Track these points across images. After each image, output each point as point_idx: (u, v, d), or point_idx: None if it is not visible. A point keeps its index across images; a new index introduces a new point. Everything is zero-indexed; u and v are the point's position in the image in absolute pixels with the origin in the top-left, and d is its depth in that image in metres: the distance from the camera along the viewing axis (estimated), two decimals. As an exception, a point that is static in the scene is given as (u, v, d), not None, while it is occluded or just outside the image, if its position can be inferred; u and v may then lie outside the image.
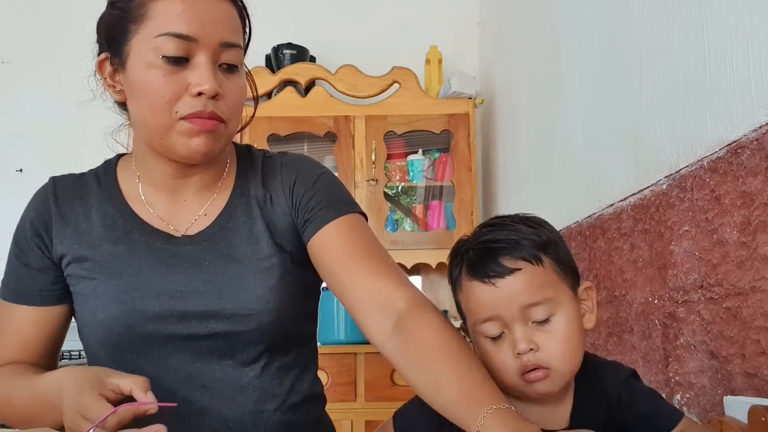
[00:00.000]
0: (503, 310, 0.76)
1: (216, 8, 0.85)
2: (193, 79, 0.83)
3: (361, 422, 2.26)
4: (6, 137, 3.01)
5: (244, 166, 0.98)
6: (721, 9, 1.05)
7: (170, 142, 0.85)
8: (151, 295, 0.88)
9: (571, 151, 1.77)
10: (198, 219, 0.94)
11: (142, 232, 0.92)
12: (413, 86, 2.64)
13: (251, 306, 0.89)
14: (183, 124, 0.83)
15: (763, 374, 0.94)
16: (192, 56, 0.83)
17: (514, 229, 0.80)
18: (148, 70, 0.83)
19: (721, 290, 1.04)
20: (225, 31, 0.85)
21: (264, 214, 0.94)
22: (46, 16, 3.14)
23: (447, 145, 2.74)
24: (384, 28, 3.07)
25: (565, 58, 1.82)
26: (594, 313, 0.82)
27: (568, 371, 0.78)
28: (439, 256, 2.56)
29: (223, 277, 0.90)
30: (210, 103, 0.83)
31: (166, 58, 0.82)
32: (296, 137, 2.72)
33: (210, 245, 0.92)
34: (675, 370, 1.19)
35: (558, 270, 0.79)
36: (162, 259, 0.90)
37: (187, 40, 0.82)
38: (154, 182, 0.94)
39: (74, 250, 0.91)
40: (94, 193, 0.95)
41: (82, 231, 0.92)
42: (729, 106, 1.03)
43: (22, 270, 0.93)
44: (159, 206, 0.94)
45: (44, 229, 0.93)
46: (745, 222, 0.97)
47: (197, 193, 0.94)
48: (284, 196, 0.94)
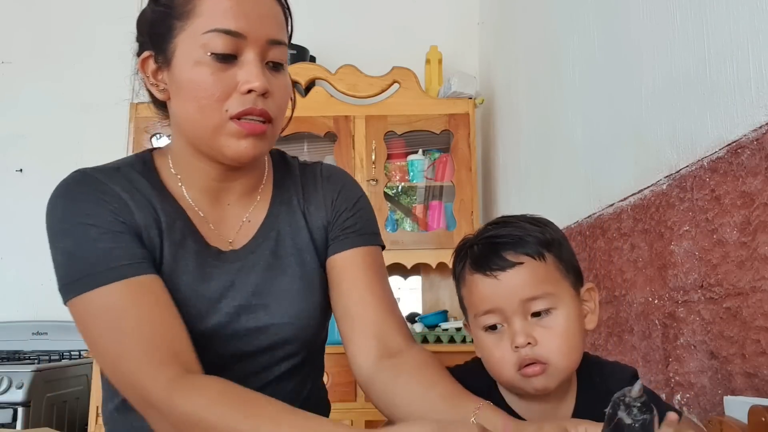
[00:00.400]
0: (503, 302, 0.77)
1: (263, 5, 0.83)
2: (242, 77, 0.81)
3: (361, 422, 2.26)
4: (6, 137, 3.01)
5: (280, 171, 0.98)
6: (721, 9, 1.05)
7: (218, 143, 0.83)
8: (199, 313, 0.84)
9: (571, 151, 1.77)
10: (243, 226, 0.92)
11: (196, 240, 0.88)
12: (413, 86, 2.64)
13: (297, 321, 0.89)
14: (232, 125, 0.82)
15: (763, 374, 0.94)
16: (240, 53, 0.82)
17: (518, 226, 0.81)
18: (195, 68, 0.81)
19: (721, 290, 1.04)
20: (272, 28, 0.83)
21: (308, 223, 0.94)
22: (46, 16, 3.14)
23: (447, 145, 2.74)
24: (384, 28, 3.07)
25: (565, 58, 1.82)
26: (596, 315, 0.83)
27: (565, 367, 0.78)
28: (439, 256, 2.56)
29: (270, 292, 0.89)
30: (260, 101, 0.82)
31: (214, 55, 0.80)
32: (296, 137, 2.72)
33: (256, 257, 0.91)
34: (675, 370, 1.19)
35: (560, 268, 0.80)
36: (212, 274, 0.87)
37: (236, 36, 0.80)
38: (197, 186, 0.91)
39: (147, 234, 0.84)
40: (146, 187, 0.88)
41: (151, 217, 0.85)
42: (729, 106, 1.03)
43: (123, 240, 0.80)
44: (206, 210, 0.91)
45: (116, 202, 0.83)
46: (745, 222, 0.97)
47: (240, 198, 0.93)
48: (325, 208, 0.95)
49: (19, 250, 2.91)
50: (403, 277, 2.99)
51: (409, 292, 3.68)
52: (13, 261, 2.93)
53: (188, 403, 0.70)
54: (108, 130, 2.93)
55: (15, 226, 2.87)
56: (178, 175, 0.91)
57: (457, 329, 2.49)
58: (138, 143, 2.55)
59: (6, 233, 2.92)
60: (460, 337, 2.43)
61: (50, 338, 2.76)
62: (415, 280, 2.97)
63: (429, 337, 2.49)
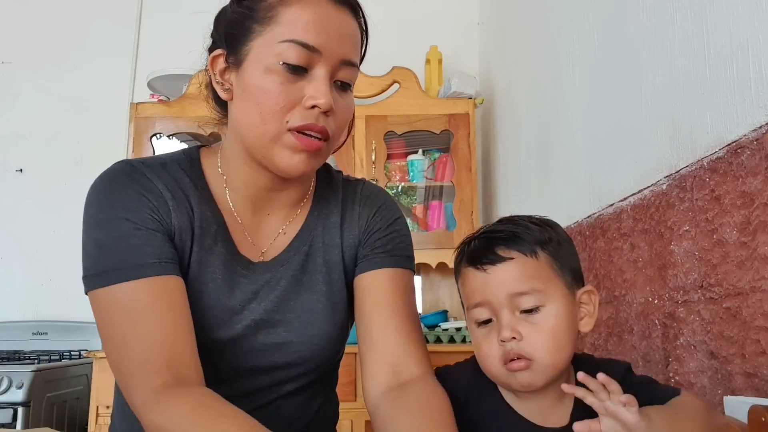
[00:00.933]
0: (492, 296, 0.79)
1: (344, 24, 0.83)
2: (309, 91, 0.81)
3: (361, 422, 2.26)
4: (6, 137, 3.01)
5: (322, 185, 0.97)
6: (721, 9, 1.05)
7: (273, 152, 0.82)
8: (220, 322, 0.84)
9: (571, 151, 1.77)
10: (278, 237, 0.92)
11: (227, 247, 0.87)
12: (413, 86, 2.64)
13: (316, 342, 0.88)
14: (290, 137, 0.81)
15: (762, 374, 0.94)
16: (312, 67, 0.81)
17: (518, 224, 0.83)
18: (265, 75, 0.80)
19: (721, 290, 1.04)
20: (348, 48, 0.83)
21: (342, 242, 0.93)
22: (46, 16, 3.14)
23: (447, 145, 2.74)
24: (384, 28, 3.06)
25: (565, 58, 1.82)
26: (593, 318, 0.83)
27: (549, 365, 0.78)
28: (439, 256, 2.56)
29: (293, 307, 0.88)
30: (322, 118, 0.81)
31: (286, 65, 0.80)
32: (296, 137, 2.72)
33: (285, 270, 0.90)
34: (675, 370, 1.19)
35: (554, 266, 0.80)
36: (238, 284, 0.87)
37: (311, 50, 0.80)
38: (243, 191, 0.90)
39: (182, 243, 0.84)
40: (189, 187, 0.87)
41: (183, 227, 0.85)
42: (729, 106, 1.03)
43: (155, 238, 0.81)
44: (245, 216, 0.90)
45: (156, 200, 0.83)
46: (745, 222, 0.97)
47: (281, 208, 0.93)
48: (359, 226, 0.94)
49: (19, 250, 2.92)
50: (403, 277, 2.99)
51: (409, 292, 3.69)
52: (13, 261, 2.93)
53: (162, 417, 0.71)
54: (108, 130, 2.93)
55: (15, 226, 2.87)
56: (224, 176, 0.90)
57: (456, 329, 2.49)
58: (138, 143, 2.55)
59: (6, 233, 2.92)
60: (460, 337, 2.43)
61: (50, 338, 2.76)
62: (415, 280, 2.97)
63: (429, 337, 2.49)
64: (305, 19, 0.80)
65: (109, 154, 3.01)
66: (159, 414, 0.71)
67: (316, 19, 0.80)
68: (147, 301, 0.77)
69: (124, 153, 2.62)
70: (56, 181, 2.88)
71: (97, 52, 3.04)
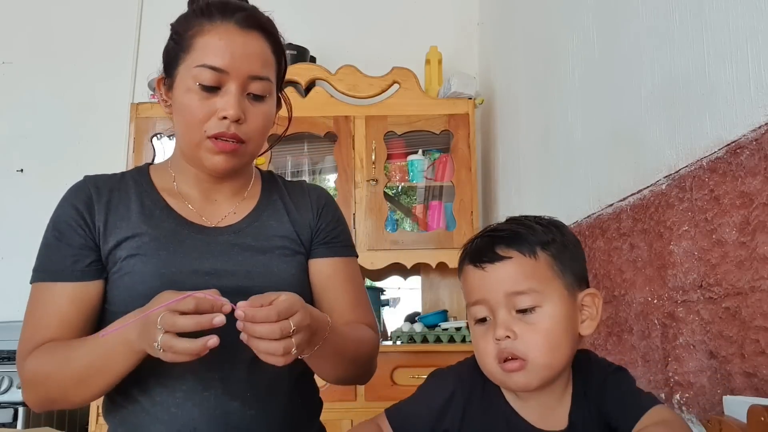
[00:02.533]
0: (489, 294, 0.79)
1: (249, 45, 0.98)
2: (220, 105, 0.96)
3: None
4: (6, 137, 3.01)
5: (268, 183, 1.14)
6: (720, 9, 1.05)
7: (198, 155, 1.00)
8: (187, 272, 0.98)
9: (571, 151, 1.77)
10: (228, 215, 1.07)
11: (178, 222, 1.03)
12: (413, 86, 2.65)
13: (277, 287, 0.98)
14: (208, 143, 0.98)
15: (762, 374, 0.94)
16: (223, 85, 0.97)
17: (522, 224, 0.83)
18: (187, 94, 0.97)
19: (720, 290, 1.04)
20: (255, 65, 0.98)
21: (292, 219, 1.09)
22: (46, 16, 3.14)
23: (447, 145, 2.74)
24: (384, 28, 3.07)
25: (565, 58, 1.82)
26: (595, 321, 0.83)
27: (544, 365, 0.78)
28: (439, 256, 2.56)
29: (252, 261, 1.02)
30: (233, 126, 0.97)
31: (201, 86, 0.96)
32: (296, 137, 2.72)
33: (239, 237, 1.04)
34: (674, 369, 1.19)
35: (555, 267, 0.80)
36: (195, 246, 1.01)
37: (219, 71, 0.96)
38: (189, 182, 1.07)
39: (116, 233, 1.00)
40: (131, 187, 1.06)
41: (123, 216, 1.02)
42: (728, 107, 1.03)
43: (65, 249, 1.00)
44: (193, 200, 1.07)
45: (88, 213, 1.02)
46: (744, 222, 0.97)
47: (228, 197, 1.09)
48: (312, 212, 1.12)
49: (19, 250, 2.91)
50: (403, 277, 2.99)
51: (409, 292, 3.69)
52: (13, 261, 2.93)
53: (28, 365, 0.94)
54: (108, 131, 2.94)
55: (15, 226, 2.87)
56: (173, 174, 1.08)
57: (456, 329, 2.49)
58: (139, 143, 2.56)
59: (6, 233, 2.92)
60: (460, 337, 2.43)
61: (50, 338, 2.76)
62: (415, 280, 2.98)
63: (429, 337, 2.49)
64: (213, 45, 0.96)
65: (109, 154, 3.02)
66: (26, 366, 0.95)
67: (223, 44, 0.96)
68: (53, 301, 0.98)
69: (124, 153, 2.62)
70: (56, 181, 2.87)
71: (98, 52, 3.04)
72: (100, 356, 0.89)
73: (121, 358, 0.88)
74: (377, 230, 2.57)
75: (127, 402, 0.98)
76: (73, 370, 0.91)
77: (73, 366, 0.91)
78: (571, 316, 0.80)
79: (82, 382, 0.91)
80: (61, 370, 0.92)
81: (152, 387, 0.95)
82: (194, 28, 0.98)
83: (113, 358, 0.88)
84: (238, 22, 0.98)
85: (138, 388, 0.96)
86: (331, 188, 2.94)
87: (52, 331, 0.96)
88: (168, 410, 0.94)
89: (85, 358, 0.90)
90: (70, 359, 0.91)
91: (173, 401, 0.94)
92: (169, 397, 0.95)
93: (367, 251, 2.53)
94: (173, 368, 0.90)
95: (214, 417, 0.94)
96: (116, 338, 0.87)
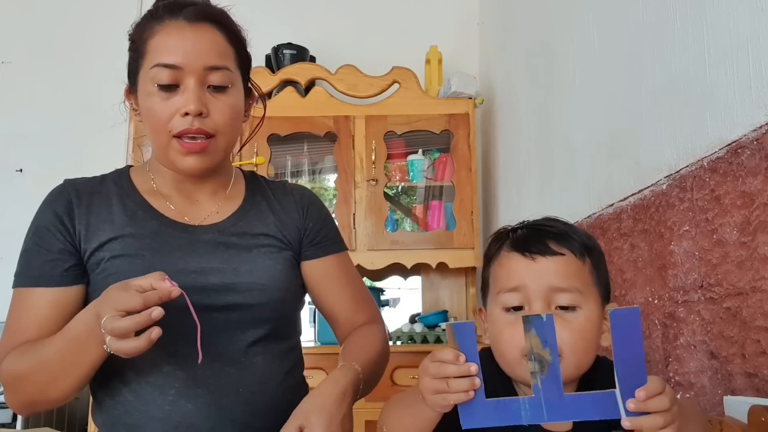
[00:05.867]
0: (532, 283, 0.78)
1: (200, 37, 0.97)
2: (180, 102, 0.95)
3: (361, 422, 2.25)
4: (6, 137, 3.00)
5: (251, 182, 1.13)
6: (721, 9, 1.05)
7: (169, 157, 0.99)
8: (173, 272, 0.96)
9: (571, 151, 1.77)
10: (211, 214, 1.06)
11: (161, 222, 1.02)
12: (413, 86, 2.64)
13: (263, 282, 1.02)
14: (175, 143, 0.97)
15: (763, 374, 0.94)
16: (181, 82, 0.95)
17: (565, 224, 0.84)
18: (148, 97, 0.97)
19: (721, 290, 1.04)
20: (210, 56, 0.97)
21: (277, 219, 1.08)
22: (46, 16, 3.14)
23: (447, 145, 2.74)
24: (384, 28, 3.06)
25: (565, 58, 1.82)
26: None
27: (574, 364, 0.77)
28: (439, 256, 2.56)
29: (238, 258, 1.02)
30: (197, 121, 0.95)
31: (159, 86, 0.96)
32: (296, 137, 2.72)
33: (223, 235, 1.04)
34: (675, 370, 1.19)
35: (594, 275, 0.81)
36: (180, 245, 1.01)
37: (174, 68, 0.95)
38: (168, 184, 1.05)
39: (98, 236, 1.00)
40: (112, 189, 1.05)
41: (105, 219, 1.01)
42: (729, 106, 1.03)
43: (45, 255, 1.00)
44: (175, 201, 1.05)
45: (68, 218, 1.01)
46: (745, 222, 0.97)
47: (208, 197, 1.07)
48: (297, 211, 1.11)
49: (18, 250, 2.91)
50: (403, 277, 2.99)
51: (409, 292, 3.68)
52: (14, 261, 2.93)
53: (2, 368, 0.95)
54: (108, 130, 2.93)
55: (15, 226, 2.86)
56: (152, 177, 1.07)
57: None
58: (138, 144, 2.55)
59: (6, 233, 2.91)
60: (460, 337, 2.43)
61: (50, 338, 2.76)
62: (415, 280, 2.97)
63: (429, 337, 2.49)
64: (164, 43, 0.96)
65: (109, 154, 3.01)
66: (2, 369, 0.95)
67: (173, 41, 0.96)
68: (30, 306, 0.98)
69: (124, 153, 2.62)
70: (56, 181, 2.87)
71: (97, 52, 3.04)
72: (71, 349, 0.90)
73: (92, 348, 0.88)
74: (377, 230, 2.57)
75: (118, 405, 0.98)
76: (47, 367, 0.92)
77: (46, 362, 0.92)
78: (600, 325, 0.80)
79: (57, 378, 0.92)
80: (35, 367, 0.93)
81: (143, 388, 0.96)
82: (147, 32, 0.98)
83: (83, 349, 0.89)
84: (187, 17, 0.97)
85: (128, 388, 0.97)
86: (331, 188, 2.94)
87: (30, 335, 0.96)
88: (162, 408, 0.95)
89: (57, 354, 0.91)
90: (43, 356, 0.92)
91: (165, 399, 0.95)
92: (161, 396, 0.95)
93: (367, 251, 2.53)
94: (162, 368, 0.94)
95: (208, 411, 0.95)
96: (83, 330, 0.88)
